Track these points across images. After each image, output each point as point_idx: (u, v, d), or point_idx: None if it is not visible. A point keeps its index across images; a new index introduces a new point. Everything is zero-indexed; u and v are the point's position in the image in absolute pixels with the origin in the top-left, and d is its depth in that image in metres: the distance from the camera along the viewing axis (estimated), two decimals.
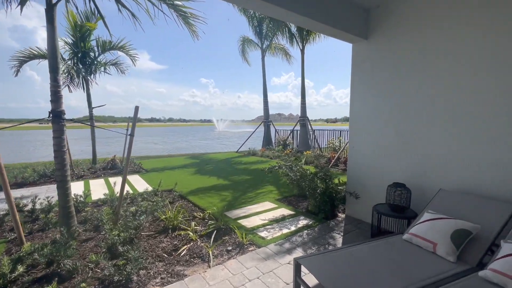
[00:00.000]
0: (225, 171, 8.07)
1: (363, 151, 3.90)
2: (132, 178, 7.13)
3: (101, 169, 8.15)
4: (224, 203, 4.87)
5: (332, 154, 9.88)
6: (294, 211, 4.41)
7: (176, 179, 6.93)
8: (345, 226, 3.79)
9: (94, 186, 6.33)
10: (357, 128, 4.01)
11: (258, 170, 8.24)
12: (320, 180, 3.72)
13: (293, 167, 4.09)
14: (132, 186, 6.30)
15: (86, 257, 2.88)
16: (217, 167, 8.85)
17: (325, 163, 9.28)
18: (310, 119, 12.38)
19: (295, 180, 4.00)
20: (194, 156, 11.90)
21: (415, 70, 3.26)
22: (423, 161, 3.24)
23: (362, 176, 3.92)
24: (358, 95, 3.97)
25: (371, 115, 3.80)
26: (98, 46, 7.75)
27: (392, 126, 3.53)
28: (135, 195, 5.09)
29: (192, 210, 4.56)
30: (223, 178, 7.10)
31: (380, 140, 3.68)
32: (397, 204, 3.12)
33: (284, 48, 14.51)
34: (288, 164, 4.30)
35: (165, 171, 8.18)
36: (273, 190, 5.81)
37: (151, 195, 5.20)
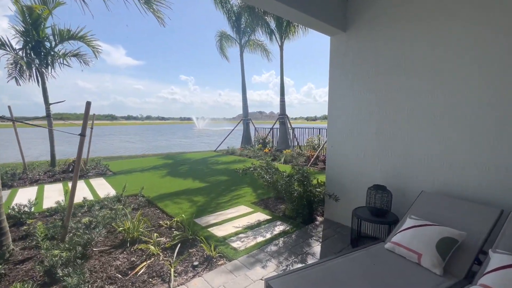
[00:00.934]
0: (200, 172, 7.62)
1: (343, 151, 3.68)
2: (95, 182, 6.47)
3: (61, 172, 7.36)
4: (195, 209, 4.46)
5: (311, 152, 9.76)
6: (271, 215, 4.11)
7: (145, 182, 6.39)
8: (324, 231, 3.55)
9: (49, 192, 5.62)
10: (335, 127, 3.78)
11: (235, 170, 7.88)
12: (298, 182, 3.45)
13: (268, 169, 3.79)
14: (94, 191, 5.68)
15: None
16: (192, 168, 8.37)
17: (304, 162, 9.13)
18: (290, 117, 12.22)
19: (271, 182, 3.70)
20: (169, 156, 11.28)
21: (397, 66, 3.07)
22: (404, 162, 3.06)
23: (341, 177, 3.71)
24: (337, 92, 3.73)
25: (350, 113, 3.58)
26: (55, 35, 6.93)
27: (373, 124, 3.33)
28: (93, 202, 4.52)
29: (158, 218, 4.11)
30: (197, 179, 6.66)
31: (360, 139, 3.47)
32: (378, 208, 2.92)
33: (262, 44, 14.19)
34: (263, 165, 3.99)
35: (134, 173, 7.57)
36: (250, 192, 5.48)
37: (113, 201, 4.66)
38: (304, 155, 10.18)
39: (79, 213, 4.03)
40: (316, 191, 3.45)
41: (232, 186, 6.01)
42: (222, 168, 8.28)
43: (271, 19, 11.51)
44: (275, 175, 3.83)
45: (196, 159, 10.37)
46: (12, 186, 6.03)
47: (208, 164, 9.07)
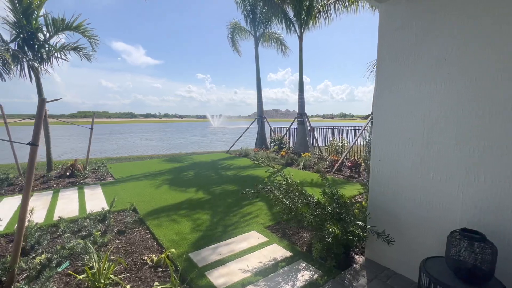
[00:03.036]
0: (207, 180, 6.69)
1: (397, 168, 2.56)
2: (89, 190, 5.71)
3: (57, 177, 6.72)
4: (195, 234, 3.51)
5: (334, 157, 8.57)
6: (291, 250, 3.07)
7: (144, 191, 5.55)
8: (370, 284, 2.46)
9: (34, 202, 4.91)
10: (385, 132, 2.66)
11: (248, 178, 6.88)
12: (333, 218, 2.37)
13: (289, 191, 2.74)
14: (83, 203, 4.89)
15: None
16: (199, 173, 7.47)
17: (326, 168, 7.97)
18: (307, 115, 11.04)
19: (292, 209, 2.66)
20: (178, 159, 10.49)
21: (500, 38, 1.92)
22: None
23: (394, 205, 2.59)
24: (389, 83, 2.61)
25: (412, 112, 2.45)
26: (48, 25, 6.24)
27: (451, 129, 2.19)
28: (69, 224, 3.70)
29: (145, 247, 3.19)
30: (203, 189, 5.72)
31: (428, 152, 2.34)
32: (469, 267, 1.80)
33: (279, 37, 13.07)
34: (281, 184, 2.95)
35: (135, 179, 6.77)
36: (264, 210, 4.46)
37: (97, 220, 3.81)
38: (326, 159, 9.00)
39: (47, 239, 3.19)
40: (358, 226, 2.35)
41: (243, 199, 5.02)
42: (233, 174, 7.31)
43: (289, 8, 10.36)
44: (297, 198, 2.77)
45: (206, 162, 9.48)
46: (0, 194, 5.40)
47: (218, 169, 8.14)
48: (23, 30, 5.98)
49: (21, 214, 2.40)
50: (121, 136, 30.46)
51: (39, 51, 6.33)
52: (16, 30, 5.99)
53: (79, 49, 7.23)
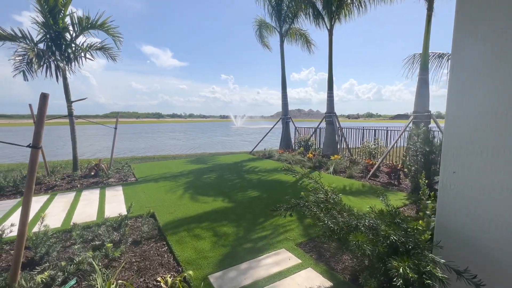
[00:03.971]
0: (230, 184, 6.28)
1: (484, 184, 1.89)
2: (111, 192, 5.56)
3: (82, 176, 6.71)
4: (216, 251, 3.07)
5: (368, 160, 7.75)
6: (330, 278, 2.51)
7: (165, 195, 5.26)
8: None
9: (56, 203, 4.82)
10: (466, 136, 2.00)
11: (275, 183, 6.36)
12: (401, 253, 1.73)
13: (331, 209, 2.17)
14: (103, 206, 4.70)
15: None
16: (221, 176, 7.09)
17: (359, 173, 7.20)
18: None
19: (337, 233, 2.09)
20: (200, 160, 10.26)
21: None
22: None
23: (479, 234, 1.92)
24: (467, 75, 1.95)
25: (502, 111, 1.77)
26: (74, 25, 6.21)
27: None
28: (88, 227, 3.45)
29: (160, 264, 2.81)
30: (225, 195, 5.30)
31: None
32: None
33: (305, 34, 12.39)
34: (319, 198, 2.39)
35: (156, 181, 6.56)
36: (294, 221, 3.92)
37: (112, 227, 3.53)
38: (358, 163, 8.20)
39: (56, 249, 2.92)
40: (431, 262, 1.72)
41: (269, 208, 4.51)
42: (257, 179, 6.83)
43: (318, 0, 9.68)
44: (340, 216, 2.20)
45: (228, 163, 9.11)
46: None
47: (241, 172, 7.72)
48: (50, 29, 5.99)
49: (20, 227, 2.11)
50: (150, 135, 31.84)
51: (65, 51, 6.34)
52: (44, 30, 6.02)
53: (104, 48, 7.21)
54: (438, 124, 6.60)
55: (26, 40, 5.94)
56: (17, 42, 5.81)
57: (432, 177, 5.19)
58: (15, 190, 5.44)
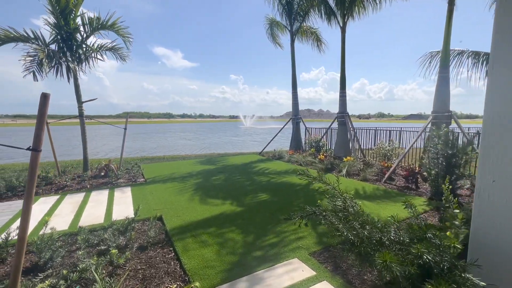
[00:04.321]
0: (239, 187, 6.12)
1: None
2: (119, 193, 5.51)
3: (92, 177, 6.71)
4: (224, 259, 2.90)
5: (383, 163, 7.42)
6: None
7: (172, 197, 5.16)
8: None
9: (65, 204, 4.79)
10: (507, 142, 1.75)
11: (284, 186, 6.16)
12: (437, 275, 1.51)
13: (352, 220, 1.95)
14: (111, 207, 4.64)
15: None
16: (230, 178, 6.94)
17: (374, 176, 6.89)
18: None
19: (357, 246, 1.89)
20: (209, 160, 10.16)
21: None
22: None
23: None
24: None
25: None
26: (84, 25, 6.22)
27: None
28: (94, 230, 3.37)
29: (166, 272, 2.67)
30: (233, 198, 5.14)
31: None
32: None
33: (316, 32, 12.12)
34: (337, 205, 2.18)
35: (165, 182, 6.48)
36: (306, 228, 3.71)
37: (119, 231, 3.43)
38: (372, 165, 7.87)
39: (61, 254, 2.83)
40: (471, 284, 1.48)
41: (280, 213, 4.32)
42: (266, 181, 6.64)
43: None
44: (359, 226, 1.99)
45: (237, 165, 8.96)
46: (37, 193, 5.44)
47: (251, 173, 7.55)
48: (62, 30, 6.01)
49: (20, 233, 2.00)
50: (161, 135, 32.31)
51: (76, 52, 6.36)
52: (55, 31, 6.05)
53: (115, 49, 7.21)
54: (460, 125, 6.23)
55: (38, 41, 5.98)
56: (30, 43, 5.86)
57: (455, 182, 4.86)
58: None
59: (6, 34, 5.60)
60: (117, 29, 6.41)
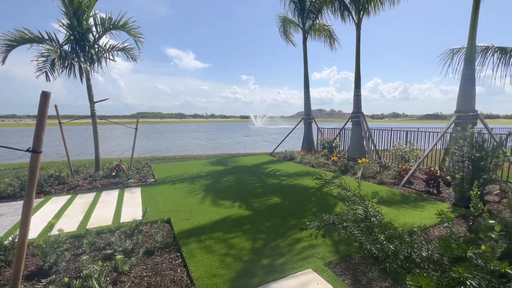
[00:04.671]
0: (249, 188, 5.95)
1: None
2: (129, 194, 5.47)
3: (103, 177, 6.74)
4: (234, 267, 2.74)
5: (401, 165, 7.05)
6: None
7: (181, 199, 5.05)
8: None
9: (75, 205, 4.78)
10: None
11: (296, 188, 5.94)
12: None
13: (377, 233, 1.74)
14: (120, 208, 4.58)
15: None
16: (240, 179, 6.79)
17: (391, 179, 6.55)
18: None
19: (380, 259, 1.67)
20: (220, 161, 10.05)
21: None
22: None
23: None
24: None
25: None
26: (97, 25, 6.24)
27: None
28: (101, 233, 3.29)
29: (173, 278, 2.54)
30: (243, 201, 4.98)
31: None
32: None
33: (329, 29, 11.79)
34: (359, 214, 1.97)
35: (174, 182, 6.41)
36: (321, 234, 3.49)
37: (126, 234, 3.34)
38: (388, 167, 7.51)
39: (65, 258, 2.76)
40: None
41: (292, 217, 4.11)
42: (277, 183, 6.44)
43: None
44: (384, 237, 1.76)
45: (248, 165, 8.80)
46: (50, 193, 5.49)
47: (261, 174, 7.37)
48: (75, 31, 6.05)
49: (20, 237, 1.91)
50: (173, 135, 32.82)
51: (89, 52, 6.39)
52: (68, 32, 6.10)
53: (126, 49, 7.22)
54: (487, 125, 5.80)
55: (52, 42, 6.05)
56: (44, 44, 5.93)
57: (483, 187, 4.50)
58: (39, 189, 5.52)
59: (21, 36, 5.68)
60: (129, 29, 6.40)
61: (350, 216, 1.99)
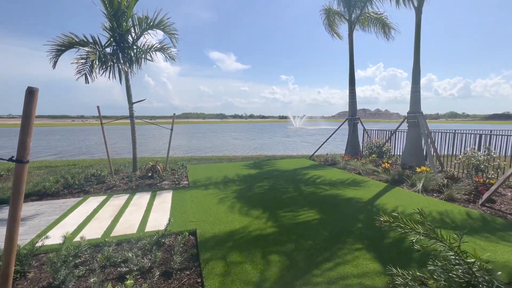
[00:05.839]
0: (286, 199, 5.31)
1: None
2: (160, 198, 5.29)
3: (139, 177, 6.77)
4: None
5: (478, 178, 5.67)
6: None
7: (211, 207, 4.66)
8: None
9: (108, 207, 4.73)
10: None
11: (341, 202, 5.11)
12: None
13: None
14: (147, 215, 4.37)
15: None
16: (275, 186, 6.18)
17: (463, 194, 5.26)
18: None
19: None
20: (256, 164, 9.56)
21: None
22: None
23: None
24: None
25: None
26: (135, 26, 6.25)
27: None
28: (122, 243, 3.01)
29: None
30: (277, 215, 4.36)
31: None
32: None
33: (381, 17, 10.44)
34: (453, 276, 1.23)
35: (207, 186, 6.10)
36: (370, 263, 2.72)
37: (145, 249, 3.01)
38: (458, 179, 6.14)
39: (76, 275, 2.49)
40: None
41: (335, 240, 3.38)
42: (318, 193, 5.67)
43: None
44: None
45: (285, 170, 8.14)
46: (89, 192, 5.61)
47: (299, 182, 6.65)
48: (115, 33, 6.14)
49: (6, 243, 1.61)
50: (215, 134, 33.86)
51: (128, 53, 6.45)
52: (109, 34, 6.21)
53: (163, 49, 7.19)
54: None
55: (96, 45, 6.23)
56: (88, 47, 6.12)
57: None
58: (79, 188, 5.69)
59: (69, 40, 5.94)
60: (164, 27, 6.30)
61: (443, 274, 1.26)
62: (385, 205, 4.74)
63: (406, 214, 4.32)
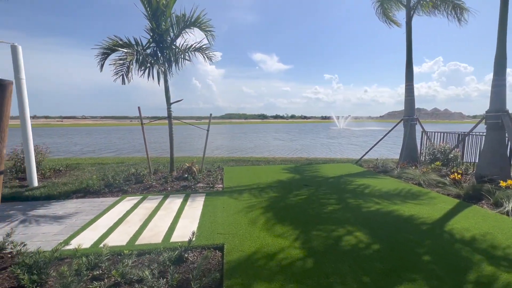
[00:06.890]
0: (327, 213, 4.58)
1: None
2: (192, 202, 5.05)
3: (175, 178, 6.71)
4: None
5: None
6: None
7: (242, 218, 4.22)
8: None
9: (140, 210, 4.64)
10: None
11: (397, 219, 4.20)
12: None
13: None
14: (176, 221, 4.12)
15: None
16: (315, 196, 5.47)
17: None
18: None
19: None
20: (297, 168, 8.89)
21: None
22: None
23: None
24: None
25: None
26: (173, 25, 6.18)
27: None
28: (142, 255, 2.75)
29: None
30: (316, 235, 3.69)
31: None
32: None
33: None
34: None
35: (241, 192, 5.71)
36: None
37: (165, 264, 2.69)
38: None
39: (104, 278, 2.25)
40: None
41: (391, 279, 2.61)
42: (367, 208, 4.78)
43: None
44: None
45: (328, 177, 7.31)
46: (126, 191, 5.69)
47: (344, 192, 5.81)
48: (154, 33, 6.15)
49: None
50: (256, 135, 34.02)
51: (167, 54, 6.44)
52: (149, 34, 6.26)
53: (202, 49, 7.06)
54: None
55: (138, 46, 6.34)
56: (131, 49, 6.25)
57: None
58: (118, 187, 5.81)
59: (114, 43, 6.13)
60: (201, 24, 6.12)
61: None
62: (462, 231, 3.69)
63: (498, 246, 3.26)
